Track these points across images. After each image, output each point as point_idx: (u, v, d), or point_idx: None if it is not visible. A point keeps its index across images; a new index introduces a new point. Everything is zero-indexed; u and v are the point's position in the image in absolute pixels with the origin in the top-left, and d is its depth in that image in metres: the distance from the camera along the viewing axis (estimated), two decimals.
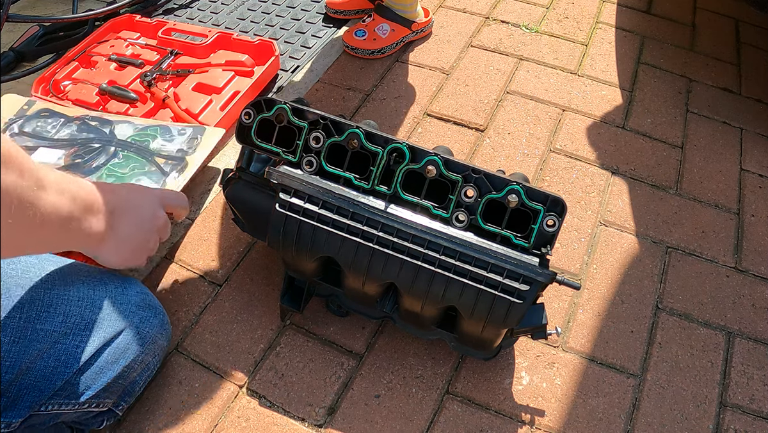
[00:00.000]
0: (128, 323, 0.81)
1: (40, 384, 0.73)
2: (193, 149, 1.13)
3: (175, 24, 1.51)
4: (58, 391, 0.74)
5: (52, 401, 0.75)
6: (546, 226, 0.78)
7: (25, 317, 0.73)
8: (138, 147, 1.14)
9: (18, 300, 0.73)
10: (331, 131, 0.84)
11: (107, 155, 1.12)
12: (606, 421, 0.91)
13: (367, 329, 1.00)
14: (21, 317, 0.73)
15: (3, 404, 0.70)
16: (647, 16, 1.67)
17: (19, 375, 0.71)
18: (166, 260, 1.09)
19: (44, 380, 0.73)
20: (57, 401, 0.75)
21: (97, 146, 1.14)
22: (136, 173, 1.10)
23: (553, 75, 1.47)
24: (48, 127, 1.18)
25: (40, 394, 0.73)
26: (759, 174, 1.28)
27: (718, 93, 1.45)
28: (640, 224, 1.17)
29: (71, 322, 0.76)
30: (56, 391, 0.74)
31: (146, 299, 0.86)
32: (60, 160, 1.12)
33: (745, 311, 1.05)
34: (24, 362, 0.72)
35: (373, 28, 1.48)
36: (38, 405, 0.73)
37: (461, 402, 0.92)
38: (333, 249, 0.83)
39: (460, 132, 1.33)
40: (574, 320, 1.03)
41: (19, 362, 0.71)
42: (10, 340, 0.71)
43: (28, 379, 0.72)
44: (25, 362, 0.72)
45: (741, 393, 0.95)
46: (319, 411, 0.91)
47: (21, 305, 0.73)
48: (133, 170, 1.10)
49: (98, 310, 0.79)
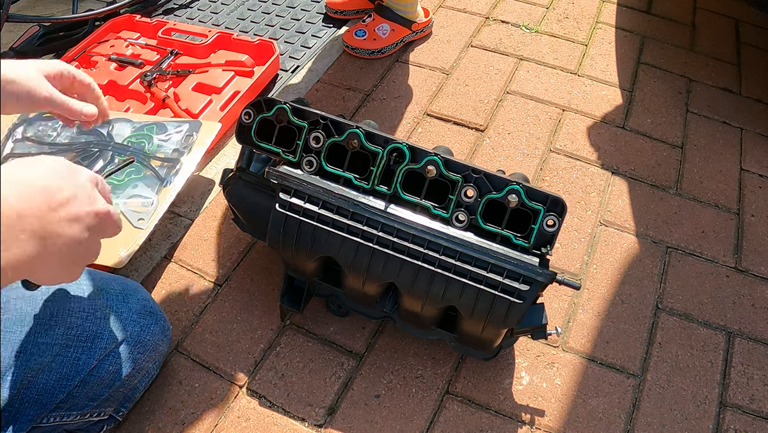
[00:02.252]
0: (129, 333, 0.80)
1: (42, 398, 0.72)
2: (189, 148, 1.13)
3: (175, 24, 1.51)
4: (60, 404, 0.74)
5: (54, 414, 0.74)
6: (546, 226, 0.78)
7: (26, 331, 0.72)
8: (134, 150, 1.13)
9: (18, 313, 0.72)
10: (331, 131, 0.84)
11: (104, 160, 1.12)
12: (606, 421, 0.91)
13: (367, 329, 1.00)
14: (22, 330, 0.71)
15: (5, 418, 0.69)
16: (647, 16, 1.67)
17: (20, 389, 0.70)
18: (166, 260, 1.09)
19: (46, 393, 0.72)
20: (59, 414, 0.74)
21: (95, 150, 1.14)
22: (132, 179, 1.10)
23: (553, 75, 1.47)
24: (49, 131, 1.18)
25: (42, 408, 0.72)
26: (759, 174, 1.28)
27: (718, 93, 1.45)
28: (640, 224, 1.17)
29: (72, 334, 0.75)
30: (58, 404, 0.73)
31: (147, 305, 0.85)
32: None
33: (745, 311, 1.05)
34: (26, 376, 0.71)
35: (373, 28, 1.48)
36: (40, 418, 0.72)
37: (461, 402, 0.92)
38: (333, 249, 0.83)
39: (460, 132, 1.33)
40: (574, 320, 1.03)
41: (21, 376, 0.70)
42: (11, 353, 0.70)
43: (29, 393, 0.71)
44: (27, 376, 0.71)
45: (741, 393, 0.95)
46: (319, 411, 0.91)
47: (21, 318, 0.72)
48: (129, 176, 1.10)
49: (99, 320, 0.77)
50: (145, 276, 1.06)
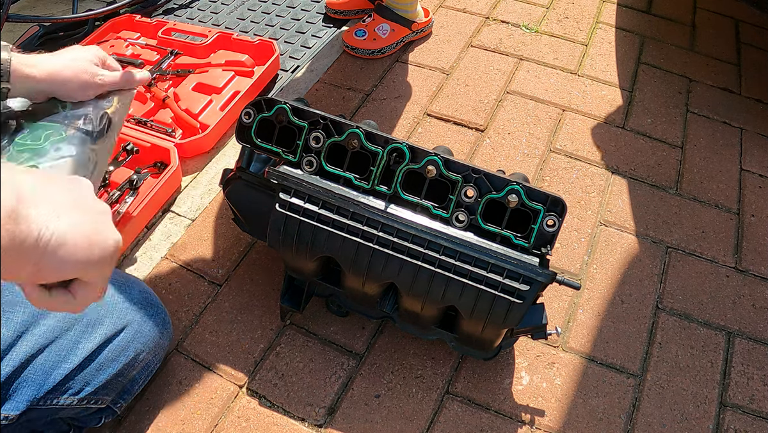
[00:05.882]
0: (129, 321, 0.82)
1: (40, 378, 0.74)
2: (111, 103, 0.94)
3: (175, 24, 1.51)
4: (57, 386, 0.75)
5: (51, 396, 0.75)
6: (546, 226, 0.78)
7: (29, 312, 0.74)
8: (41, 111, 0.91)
9: (21, 295, 0.73)
10: (331, 131, 0.84)
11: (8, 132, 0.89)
12: (606, 421, 0.91)
13: (367, 329, 1.00)
14: (24, 311, 0.74)
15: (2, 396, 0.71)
16: (647, 16, 1.67)
17: (19, 368, 0.72)
18: (166, 260, 1.09)
19: (44, 374, 0.74)
20: (56, 396, 0.76)
21: None
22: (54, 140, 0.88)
23: (553, 75, 1.47)
24: None
25: (39, 388, 0.74)
26: (759, 174, 1.28)
27: (718, 93, 1.45)
28: (640, 224, 1.17)
29: (73, 318, 0.77)
30: (55, 386, 0.75)
31: (149, 297, 0.86)
32: None
33: (745, 311, 1.05)
34: (26, 356, 0.72)
35: (373, 28, 1.48)
36: (37, 400, 0.74)
37: (461, 402, 0.92)
38: (333, 249, 0.83)
39: (460, 132, 1.33)
40: (574, 320, 1.03)
41: (21, 356, 0.72)
42: (12, 334, 0.72)
43: (28, 372, 0.73)
44: (27, 356, 0.73)
45: (741, 393, 0.95)
46: (319, 411, 0.91)
47: (24, 299, 0.73)
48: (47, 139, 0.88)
49: (100, 307, 0.79)
50: (145, 276, 1.06)
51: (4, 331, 0.72)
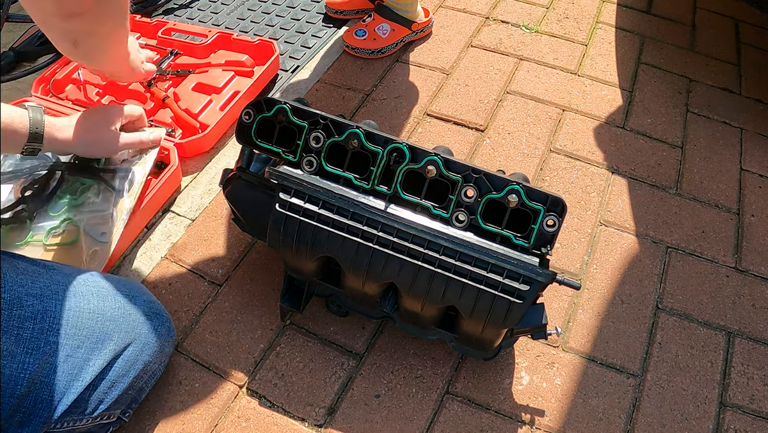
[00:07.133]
0: (137, 334, 0.81)
1: (53, 399, 0.72)
2: (139, 156, 1.10)
3: (175, 24, 1.50)
4: (71, 408, 0.74)
5: (67, 418, 0.74)
6: (546, 226, 0.78)
7: (39, 328, 0.72)
8: (81, 167, 1.09)
9: (30, 310, 0.72)
10: (331, 131, 0.84)
11: (54, 180, 1.08)
12: (606, 421, 0.91)
13: (367, 329, 1.00)
14: (34, 327, 0.72)
15: (17, 420, 0.69)
16: (647, 16, 1.67)
17: (32, 388, 0.70)
18: (166, 260, 1.09)
19: (58, 394, 0.72)
20: (71, 418, 0.75)
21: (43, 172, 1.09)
22: (87, 195, 1.07)
23: (553, 75, 1.47)
24: None
25: (54, 410, 0.72)
26: (759, 174, 1.28)
27: (718, 93, 1.45)
28: (640, 224, 1.17)
29: (83, 334, 0.75)
30: (69, 408, 0.73)
31: (154, 307, 0.86)
32: (11, 195, 1.07)
33: (745, 311, 1.05)
34: (38, 375, 0.71)
35: (374, 28, 1.48)
36: (52, 422, 0.72)
37: (461, 402, 0.92)
38: (333, 249, 0.83)
39: (460, 132, 1.33)
40: (574, 320, 1.03)
41: (33, 374, 0.70)
42: (23, 351, 0.70)
43: (41, 393, 0.71)
44: (39, 375, 0.71)
45: (741, 393, 0.95)
46: (319, 411, 0.91)
47: (33, 315, 0.72)
48: (83, 192, 1.07)
49: (109, 322, 0.79)
50: (145, 276, 1.06)
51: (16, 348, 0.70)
